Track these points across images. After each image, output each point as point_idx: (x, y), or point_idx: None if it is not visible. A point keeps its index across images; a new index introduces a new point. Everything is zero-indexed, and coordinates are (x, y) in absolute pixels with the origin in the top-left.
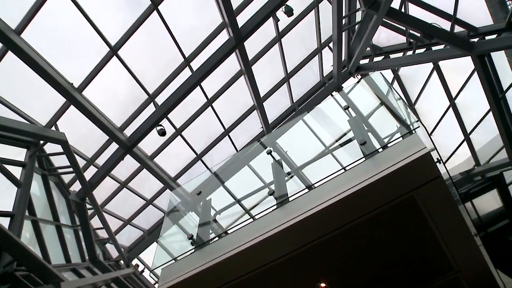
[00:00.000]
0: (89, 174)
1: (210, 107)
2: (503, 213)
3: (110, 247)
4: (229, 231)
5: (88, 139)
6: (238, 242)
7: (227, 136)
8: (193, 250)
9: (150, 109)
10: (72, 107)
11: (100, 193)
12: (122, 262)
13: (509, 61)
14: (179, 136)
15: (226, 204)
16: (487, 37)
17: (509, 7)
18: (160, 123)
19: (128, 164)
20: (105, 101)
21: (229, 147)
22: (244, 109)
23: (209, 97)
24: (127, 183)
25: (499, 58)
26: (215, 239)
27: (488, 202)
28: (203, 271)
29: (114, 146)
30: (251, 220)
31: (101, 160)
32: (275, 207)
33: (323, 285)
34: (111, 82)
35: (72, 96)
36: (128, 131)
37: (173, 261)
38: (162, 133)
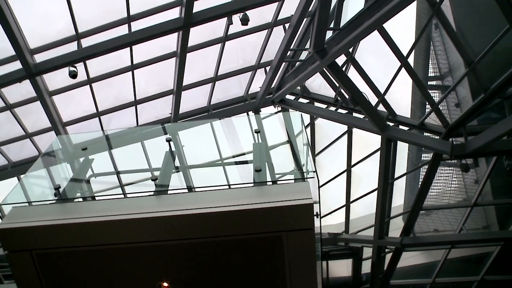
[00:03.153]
0: None
1: (131, 72)
2: (349, 283)
3: None
4: (97, 198)
5: None
6: (103, 212)
7: (134, 107)
8: (54, 202)
9: (72, 47)
10: None
11: None
12: None
13: (408, 155)
14: (88, 86)
15: (105, 171)
16: (401, 126)
17: (427, 110)
18: (75, 65)
19: (23, 89)
20: (28, 19)
21: (131, 118)
22: (161, 89)
23: (134, 62)
24: (13, 108)
25: (402, 148)
26: (80, 199)
27: (341, 268)
28: (56, 225)
29: (17, 65)
30: (123, 196)
31: None
32: (152, 193)
33: (165, 284)
34: (43, 4)
35: None
36: (39, 58)
37: (27, 204)
38: (73, 75)
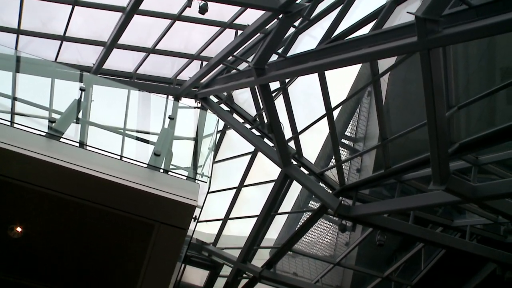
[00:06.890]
0: None
1: (71, 6)
2: None
3: None
4: None
5: None
6: None
7: (59, 41)
8: None
9: None
10: None
11: None
12: None
13: (298, 197)
14: (20, 1)
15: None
16: (302, 168)
17: (331, 163)
18: None
19: None
20: None
21: (52, 51)
22: (95, 37)
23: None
24: None
25: (295, 188)
26: None
27: (196, 276)
28: None
29: None
30: (9, 124)
31: None
32: (43, 134)
33: (18, 229)
34: None
35: None
36: None
37: None
38: None
